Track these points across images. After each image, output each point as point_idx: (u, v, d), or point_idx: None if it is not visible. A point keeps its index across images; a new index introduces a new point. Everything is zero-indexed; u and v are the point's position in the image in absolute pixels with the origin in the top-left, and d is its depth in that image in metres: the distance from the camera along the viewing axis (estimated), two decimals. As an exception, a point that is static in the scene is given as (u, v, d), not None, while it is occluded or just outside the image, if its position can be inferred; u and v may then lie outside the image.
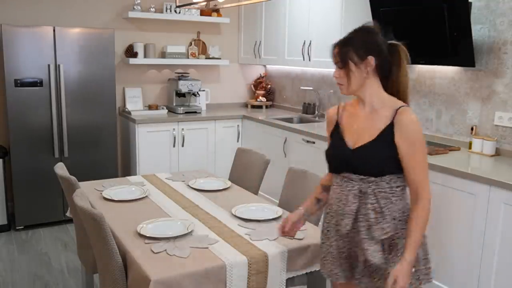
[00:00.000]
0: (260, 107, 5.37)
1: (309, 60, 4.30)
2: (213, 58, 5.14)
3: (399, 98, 1.73)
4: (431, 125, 3.63)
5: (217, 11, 5.09)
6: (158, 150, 4.50)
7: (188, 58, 5.01)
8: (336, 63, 1.72)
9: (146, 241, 1.97)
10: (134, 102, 4.82)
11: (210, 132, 4.74)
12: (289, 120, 4.69)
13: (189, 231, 2.07)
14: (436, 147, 3.30)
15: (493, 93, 3.18)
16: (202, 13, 5.00)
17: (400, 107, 1.67)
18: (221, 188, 2.81)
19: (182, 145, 4.61)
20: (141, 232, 2.05)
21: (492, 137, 3.16)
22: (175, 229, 2.10)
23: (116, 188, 2.72)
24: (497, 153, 3.14)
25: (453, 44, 3.15)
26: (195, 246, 1.95)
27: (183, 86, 4.74)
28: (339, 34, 3.96)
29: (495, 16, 3.12)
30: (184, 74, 4.95)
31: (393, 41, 1.74)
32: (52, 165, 4.09)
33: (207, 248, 1.94)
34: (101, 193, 2.65)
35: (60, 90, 4.03)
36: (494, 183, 2.54)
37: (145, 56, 4.79)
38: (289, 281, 2.07)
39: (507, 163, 2.92)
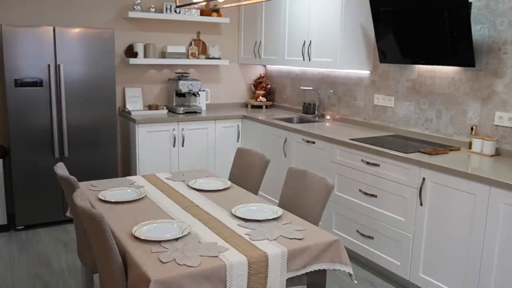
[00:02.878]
0: (260, 107, 5.37)
1: (309, 60, 4.30)
2: (213, 58, 5.14)
3: None
4: (431, 125, 3.63)
5: (217, 11, 5.09)
6: (158, 150, 4.50)
7: (188, 58, 5.00)
8: None
9: (153, 249, 1.93)
10: (134, 102, 4.82)
11: (210, 132, 4.74)
12: (289, 120, 4.69)
13: (184, 234, 2.06)
14: (436, 147, 3.30)
15: (493, 93, 3.18)
16: (202, 13, 5.00)
17: None
18: (221, 188, 2.81)
19: (182, 145, 4.61)
20: (136, 234, 2.03)
21: (492, 137, 3.16)
22: (171, 232, 2.08)
23: (111, 190, 2.69)
24: (497, 153, 3.14)
25: (453, 44, 3.15)
26: (205, 255, 1.90)
27: (183, 86, 4.74)
28: (339, 34, 3.96)
29: (495, 16, 3.12)
30: (184, 74, 4.95)
31: None
32: (52, 165, 4.09)
33: (217, 256, 1.89)
34: (99, 193, 2.64)
35: (60, 90, 4.03)
36: (494, 183, 2.54)
37: (145, 56, 4.79)
38: (289, 281, 2.07)
39: (507, 163, 2.92)
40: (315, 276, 2.16)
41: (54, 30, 3.95)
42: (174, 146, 4.56)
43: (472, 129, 3.30)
